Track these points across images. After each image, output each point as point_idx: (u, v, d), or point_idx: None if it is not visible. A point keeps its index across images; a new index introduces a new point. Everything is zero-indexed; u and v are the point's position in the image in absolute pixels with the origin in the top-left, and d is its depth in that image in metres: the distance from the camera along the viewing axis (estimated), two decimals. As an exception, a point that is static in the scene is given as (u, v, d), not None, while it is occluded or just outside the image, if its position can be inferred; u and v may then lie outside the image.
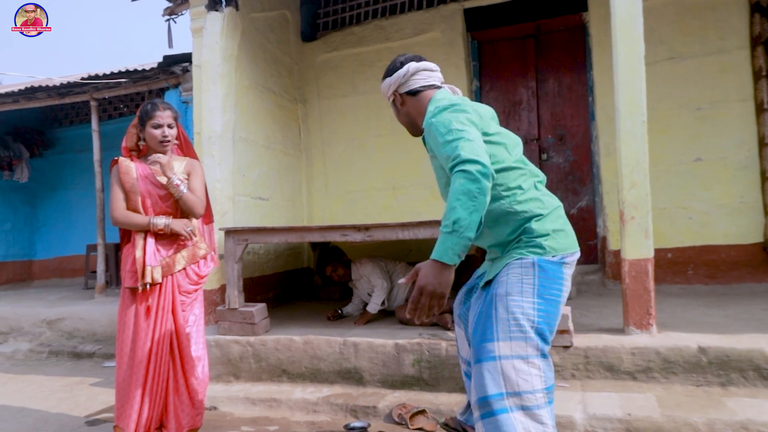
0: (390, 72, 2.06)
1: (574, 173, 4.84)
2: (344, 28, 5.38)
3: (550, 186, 4.88)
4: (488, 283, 1.88)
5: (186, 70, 5.36)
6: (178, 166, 2.74)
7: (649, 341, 2.82)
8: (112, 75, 5.40)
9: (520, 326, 1.70)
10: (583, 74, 4.80)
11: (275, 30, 4.86)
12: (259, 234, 3.62)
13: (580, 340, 2.92)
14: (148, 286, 2.55)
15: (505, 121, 5.06)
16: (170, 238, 2.66)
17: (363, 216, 5.17)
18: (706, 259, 4.22)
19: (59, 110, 8.30)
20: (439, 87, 2.05)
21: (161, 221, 2.60)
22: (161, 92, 5.66)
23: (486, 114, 1.93)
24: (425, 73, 2.02)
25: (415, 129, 2.09)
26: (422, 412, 2.89)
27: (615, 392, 2.67)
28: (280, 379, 3.48)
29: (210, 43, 3.97)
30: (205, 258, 2.78)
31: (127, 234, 2.75)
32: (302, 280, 5.18)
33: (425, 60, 2.06)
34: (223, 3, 4.08)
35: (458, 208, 1.54)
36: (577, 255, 1.86)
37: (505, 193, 1.79)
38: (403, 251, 4.78)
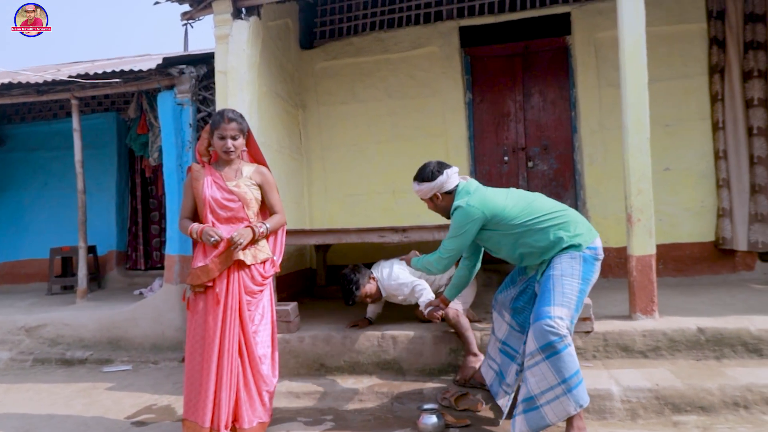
0: (429, 178, 2.71)
1: (557, 179, 5.37)
2: (342, 38, 5.61)
3: (535, 191, 5.40)
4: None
5: (182, 72, 5.32)
6: (246, 170, 2.91)
7: (656, 325, 3.32)
8: (105, 75, 5.24)
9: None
10: (565, 90, 5.34)
11: (282, 38, 5.00)
12: (297, 236, 3.78)
13: (597, 326, 3.37)
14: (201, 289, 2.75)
15: (495, 131, 5.52)
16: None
17: (363, 218, 5.42)
18: (674, 255, 4.89)
19: (8, 106, 7.79)
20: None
21: (195, 229, 2.77)
22: (154, 93, 5.58)
23: (498, 203, 2.64)
24: (454, 176, 2.74)
25: (448, 214, 2.78)
26: (465, 394, 3.18)
27: (634, 368, 3.13)
28: (319, 372, 3.66)
29: (236, 50, 4.06)
30: (272, 261, 2.94)
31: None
32: (306, 280, 5.35)
33: (450, 165, 2.78)
34: (244, 12, 4.19)
35: (434, 263, 2.84)
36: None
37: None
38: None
